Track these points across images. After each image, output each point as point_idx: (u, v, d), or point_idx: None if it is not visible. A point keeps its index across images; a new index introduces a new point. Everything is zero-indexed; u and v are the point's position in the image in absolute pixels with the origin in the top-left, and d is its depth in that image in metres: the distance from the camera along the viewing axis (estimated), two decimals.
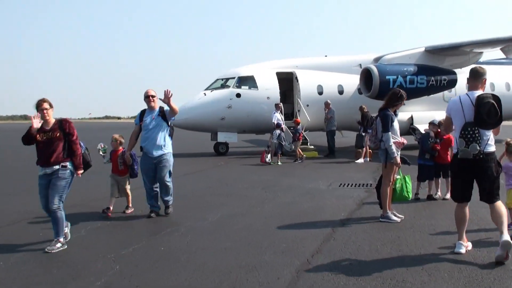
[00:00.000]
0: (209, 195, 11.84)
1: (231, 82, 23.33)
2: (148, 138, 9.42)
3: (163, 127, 9.45)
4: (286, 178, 14.65)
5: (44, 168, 7.51)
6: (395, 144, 8.71)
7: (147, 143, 9.44)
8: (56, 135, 7.50)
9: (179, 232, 8.32)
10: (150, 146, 9.39)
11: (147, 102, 9.50)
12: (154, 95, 9.46)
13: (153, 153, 9.38)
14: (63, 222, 7.54)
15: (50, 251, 7.20)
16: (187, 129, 23.65)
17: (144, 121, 9.49)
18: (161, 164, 9.41)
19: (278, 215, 9.42)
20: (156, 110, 9.50)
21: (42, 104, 7.50)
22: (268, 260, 6.61)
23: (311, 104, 23.63)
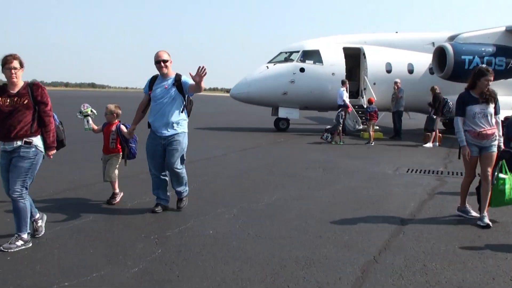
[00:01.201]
0: (266, 174, 11.08)
1: (295, 56, 22.51)
2: (158, 113, 7.61)
3: (178, 100, 7.59)
4: (349, 160, 13.74)
5: (4, 144, 5.92)
6: (469, 133, 7.40)
7: (155, 118, 7.65)
8: (24, 102, 5.90)
9: (231, 214, 7.60)
10: (160, 123, 7.59)
11: (158, 68, 7.62)
12: (167, 60, 7.57)
13: (163, 132, 7.59)
14: (26, 214, 5.95)
15: (6, 249, 5.72)
16: (248, 103, 23.14)
17: (154, 91, 7.64)
18: (171, 146, 7.61)
19: (340, 202, 8.57)
20: (170, 78, 7.63)
21: (11, 62, 5.88)
22: (328, 255, 5.80)
23: (378, 83, 22.49)
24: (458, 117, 7.51)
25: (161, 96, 7.56)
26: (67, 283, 4.82)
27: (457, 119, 7.52)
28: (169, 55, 7.63)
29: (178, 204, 7.93)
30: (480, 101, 7.39)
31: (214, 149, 15.42)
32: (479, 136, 7.35)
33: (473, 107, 7.38)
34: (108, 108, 8.40)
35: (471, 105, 7.39)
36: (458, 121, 7.50)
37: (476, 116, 7.36)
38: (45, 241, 6.13)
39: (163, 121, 7.57)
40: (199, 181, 9.99)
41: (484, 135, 7.34)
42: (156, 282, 4.89)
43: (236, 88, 22.49)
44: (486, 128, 7.34)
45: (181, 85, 7.56)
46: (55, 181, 9.73)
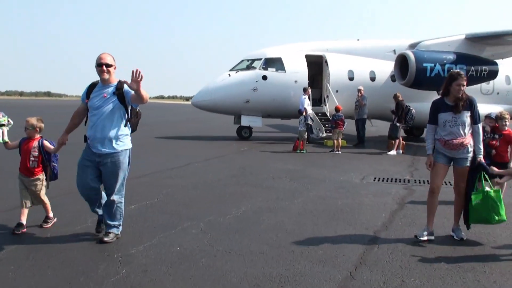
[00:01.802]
0: (232, 185, 10.75)
1: (257, 63, 22.31)
2: (94, 126, 6.45)
3: (118, 112, 6.43)
4: (315, 169, 13.52)
5: None
6: (439, 141, 6.90)
7: (91, 132, 6.50)
8: None
9: (198, 228, 7.25)
10: (95, 137, 6.44)
11: (99, 73, 6.41)
12: (110, 64, 6.43)
13: (98, 149, 6.44)
14: None
15: None
16: (210, 111, 22.82)
17: (91, 100, 6.49)
18: (107, 168, 6.46)
19: (310, 213, 8.31)
20: (111, 85, 6.47)
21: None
22: (303, 271, 5.52)
23: (341, 90, 22.44)
24: (429, 125, 7.10)
25: (98, 106, 6.40)
26: None
27: (428, 126, 7.11)
28: (114, 60, 6.53)
29: (104, 237, 6.51)
30: (454, 109, 6.80)
31: (176, 158, 15.03)
32: (446, 146, 6.83)
33: (444, 115, 6.86)
34: (29, 122, 7.14)
35: (442, 112, 6.87)
36: (428, 129, 7.11)
37: (446, 124, 6.83)
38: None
39: (100, 135, 6.41)
40: (163, 193, 9.61)
41: (451, 145, 6.79)
42: None
43: (198, 96, 22.13)
44: (455, 137, 6.77)
45: (123, 94, 6.38)
46: (9, 196, 9.19)
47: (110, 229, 6.60)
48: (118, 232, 6.65)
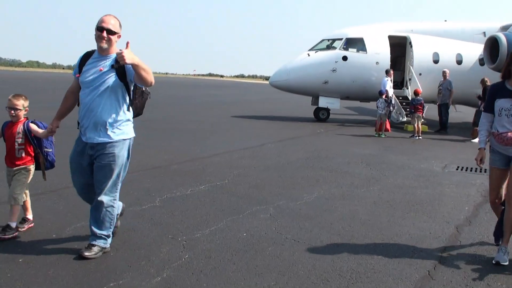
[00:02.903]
0: (306, 168, 10.36)
1: (338, 43, 21.71)
2: (86, 108, 5.13)
3: (118, 91, 5.13)
4: (393, 155, 12.92)
5: None
6: (493, 135, 5.61)
7: (82, 115, 5.17)
8: None
9: (267, 213, 6.94)
10: (87, 122, 5.13)
11: (97, 39, 5.07)
12: (114, 32, 5.07)
13: (90, 137, 5.13)
14: None
15: None
16: (287, 91, 22.49)
17: (83, 74, 5.16)
18: (100, 161, 5.15)
19: (386, 202, 7.83)
20: (110, 57, 5.13)
21: None
22: (376, 267, 5.10)
23: (424, 73, 21.48)
24: (484, 113, 5.81)
25: (92, 83, 5.09)
26: None
27: (483, 115, 5.84)
28: (120, 26, 5.16)
29: (85, 251, 5.09)
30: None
31: (250, 139, 14.79)
32: (499, 140, 5.52)
33: (501, 102, 5.51)
34: (14, 101, 5.66)
35: (499, 98, 5.54)
36: (482, 118, 5.81)
37: (502, 113, 5.50)
38: (63, 239, 5.59)
39: (92, 120, 5.09)
40: (234, 174, 9.37)
41: (505, 139, 5.45)
42: None
43: (276, 76, 21.82)
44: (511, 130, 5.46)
45: (125, 70, 5.06)
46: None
47: (94, 241, 5.18)
48: (105, 245, 5.21)
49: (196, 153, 11.63)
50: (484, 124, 5.75)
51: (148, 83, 4.97)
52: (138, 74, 4.83)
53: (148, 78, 4.89)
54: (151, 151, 11.58)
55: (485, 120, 5.74)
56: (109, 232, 5.27)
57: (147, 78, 4.90)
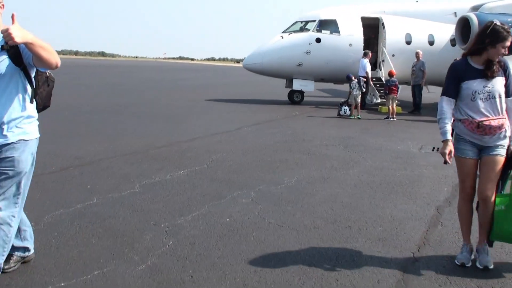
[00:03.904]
0: (284, 151, 10.33)
1: (311, 25, 21.62)
2: None
3: (14, 78, 4.02)
4: (370, 137, 12.96)
5: None
6: (464, 123, 4.79)
7: None
8: None
9: (249, 197, 6.90)
10: None
11: None
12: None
13: None
14: None
15: None
16: (261, 74, 22.40)
17: None
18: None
19: (367, 184, 7.84)
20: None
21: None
22: (361, 250, 5.10)
23: (397, 54, 21.54)
24: (444, 97, 4.88)
25: None
26: (64, 283, 4.16)
27: (442, 100, 4.89)
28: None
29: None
30: (486, 74, 4.73)
31: (226, 122, 14.69)
32: (479, 130, 4.71)
33: (471, 84, 4.73)
34: None
35: (468, 79, 4.74)
36: (443, 103, 4.87)
37: (476, 97, 4.72)
38: (42, 228, 5.47)
39: None
40: (212, 159, 9.30)
41: (487, 128, 4.68)
42: (166, 284, 4.21)
43: (249, 58, 21.70)
44: (491, 117, 4.72)
45: (19, 51, 3.96)
46: (59, 156, 9.03)
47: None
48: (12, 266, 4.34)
49: (173, 138, 11.52)
50: (447, 111, 4.83)
51: (52, 65, 3.81)
52: (37, 55, 3.69)
53: (51, 58, 3.75)
54: (127, 136, 11.43)
55: (448, 106, 4.84)
56: (5, 248, 4.06)
57: (49, 59, 3.76)
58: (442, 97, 4.91)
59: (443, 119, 4.83)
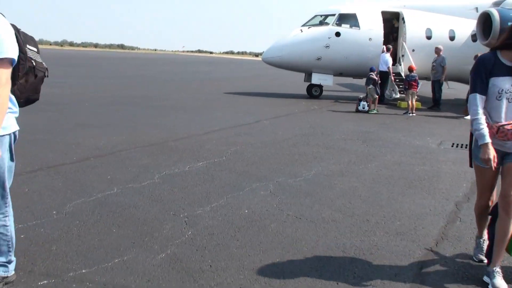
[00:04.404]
0: (302, 145, 10.35)
1: (330, 19, 21.52)
2: None
3: None
4: (389, 132, 12.92)
5: None
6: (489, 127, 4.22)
7: None
8: None
9: (267, 190, 6.93)
10: None
11: None
12: None
13: None
14: None
15: None
16: (280, 68, 22.33)
17: None
18: None
19: (385, 179, 7.84)
20: None
21: None
22: (379, 244, 5.12)
23: (417, 49, 21.41)
24: (477, 95, 4.25)
25: None
26: (85, 270, 4.23)
27: (475, 98, 4.26)
28: None
29: None
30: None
31: (245, 115, 14.72)
32: (499, 135, 4.21)
33: (499, 80, 4.20)
34: None
35: (496, 75, 4.21)
36: (475, 102, 4.25)
37: (502, 96, 4.21)
38: (63, 216, 5.55)
39: None
40: (231, 151, 9.34)
41: (509, 133, 4.18)
42: (186, 272, 4.27)
43: (269, 52, 21.68)
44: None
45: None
46: (80, 147, 9.14)
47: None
48: (6, 274, 3.94)
49: (192, 130, 11.58)
50: (481, 110, 4.24)
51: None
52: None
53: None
54: (146, 128, 11.51)
55: (480, 105, 4.24)
56: (9, 257, 3.95)
57: None
58: (473, 95, 4.27)
59: (478, 120, 4.21)
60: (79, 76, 29.64)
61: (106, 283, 4.01)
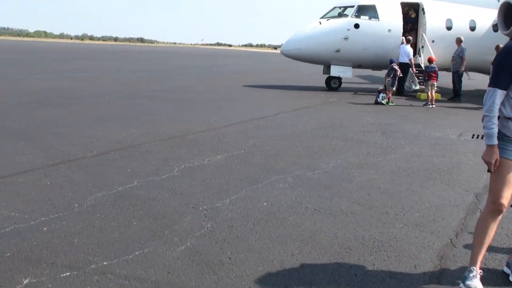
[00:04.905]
0: (321, 138, 10.34)
1: (349, 11, 21.40)
2: None
3: None
4: (408, 123, 12.85)
5: None
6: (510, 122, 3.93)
7: None
8: None
9: (286, 182, 6.95)
10: None
11: None
12: None
13: None
14: None
15: None
16: (298, 60, 22.30)
17: None
18: None
19: (404, 171, 7.82)
20: None
21: None
22: (398, 236, 5.12)
23: (437, 40, 21.21)
24: (498, 90, 3.87)
25: None
26: (106, 262, 4.29)
27: (494, 93, 3.88)
28: None
29: None
30: None
31: (263, 108, 14.73)
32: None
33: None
34: None
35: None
36: (494, 98, 3.88)
37: None
38: (85, 209, 5.62)
39: None
40: (249, 144, 9.37)
41: None
42: (205, 265, 4.31)
43: (287, 44, 21.64)
44: None
45: None
46: (100, 140, 9.23)
47: None
48: None
49: (210, 123, 11.62)
50: (496, 107, 3.89)
51: None
52: None
53: None
54: (165, 122, 11.58)
55: (498, 101, 3.88)
56: None
57: None
58: (493, 89, 3.89)
59: (491, 118, 3.88)
60: (99, 70, 29.84)
61: (127, 275, 4.07)
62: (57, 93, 16.69)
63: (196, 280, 4.04)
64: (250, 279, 4.09)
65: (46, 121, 11.06)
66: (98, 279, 3.99)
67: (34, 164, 7.42)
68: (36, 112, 12.33)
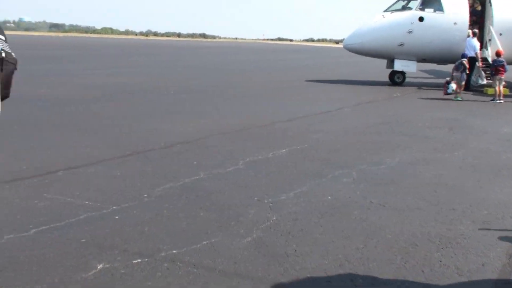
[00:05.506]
0: (385, 133, 10.26)
1: (413, 3, 21.02)
2: None
3: None
4: (475, 118, 12.58)
5: None
6: None
7: None
8: None
9: (350, 177, 6.95)
10: None
11: None
12: None
13: None
14: None
15: None
16: (361, 55, 22.12)
17: None
18: None
19: (471, 167, 7.68)
20: None
21: None
22: (465, 233, 5.04)
23: (505, 33, 20.51)
24: None
25: None
26: (175, 251, 4.41)
27: None
28: None
29: None
30: None
31: (327, 103, 14.71)
32: None
33: None
34: None
35: None
36: None
37: None
38: (153, 199, 5.79)
39: None
40: (313, 138, 9.39)
41: None
42: (272, 257, 4.38)
43: (350, 38, 21.49)
44: None
45: None
46: (165, 133, 9.45)
47: None
48: None
49: (274, 117, 11.70)
50: None
51: None
52: None
53: None
54: (230, 115, 11.74)
55: None
56: None
57: None
58: None
59: None
60: (160, 65, 30.41)
61: (196, 264, 4.18)
62: (121, 88, 17.12)
63: (262, 271, 4.11)
64: (315, 272, 4.13)
65: (110, 115, 11.39)
66: (168, 267, 4.11)
67: (103, 155, 7.68)
68: (102, 106, 12.72)
